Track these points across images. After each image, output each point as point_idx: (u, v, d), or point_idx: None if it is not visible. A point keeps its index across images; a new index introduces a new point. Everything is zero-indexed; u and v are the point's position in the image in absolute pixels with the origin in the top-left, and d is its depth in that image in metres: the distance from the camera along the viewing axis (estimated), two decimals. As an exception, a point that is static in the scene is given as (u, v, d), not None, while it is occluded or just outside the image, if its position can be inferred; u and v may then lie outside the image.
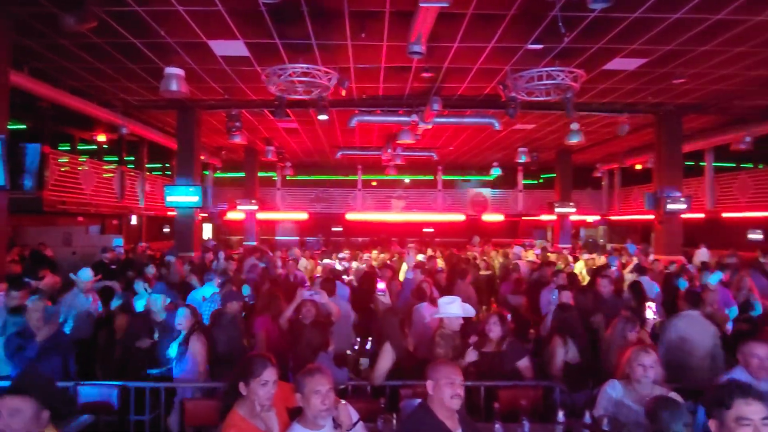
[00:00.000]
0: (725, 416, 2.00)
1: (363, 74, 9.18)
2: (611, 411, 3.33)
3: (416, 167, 20.89)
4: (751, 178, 13.38)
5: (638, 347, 3.41)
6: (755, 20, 6.65)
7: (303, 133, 14.62)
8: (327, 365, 3.86)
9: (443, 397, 2.64)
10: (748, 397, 1.96)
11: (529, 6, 6.32)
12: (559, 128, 12.99)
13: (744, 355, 3.58)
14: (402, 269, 8.26)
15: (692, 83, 9.50)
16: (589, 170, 19.53)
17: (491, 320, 4.31)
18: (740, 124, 11.90)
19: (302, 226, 21.12)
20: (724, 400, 2.02)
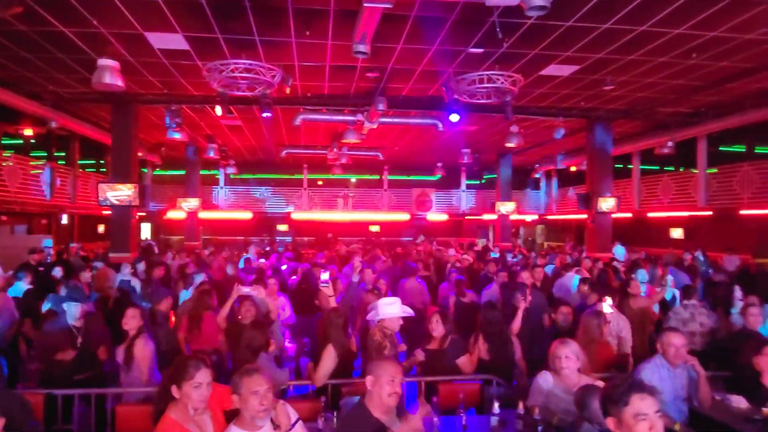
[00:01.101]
0: (623, 413, 2.06)
1: (308, 72, 9.14)
2: (543, 401, 3.52)
3: (362, 167, 20.99)
4: (673, 180, 14.39)
5: (558, 340, 3.65)
6: (674, 33, 7.17)
7: (247, 131, 14.36)
8: (268, 366, 3.85)
9: (382, 394, 2.67)
10: (643, 392, 2.04)
11: (469, 11, 6.50)
12: (500, 130, 13.41)
13: (662, 344, 3.89)
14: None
15: (620, 90, 10.10)
16: (528, 171, 20.33)
17: (434, 319, 4.41)
18: (663, 130, 12.75)
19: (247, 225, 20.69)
20: (621, 398, 2.07)
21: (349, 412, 2.88)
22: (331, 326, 4.16)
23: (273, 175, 22.21)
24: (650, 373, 3.85)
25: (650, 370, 3.87)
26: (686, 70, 8.83)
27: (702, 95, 10.32)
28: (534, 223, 22.04)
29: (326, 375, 4.01)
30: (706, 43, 7.54)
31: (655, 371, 3.85)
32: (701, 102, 10.97)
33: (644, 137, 13.90)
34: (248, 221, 19.96)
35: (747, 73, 8.79)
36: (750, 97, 10.35)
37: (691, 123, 12.15)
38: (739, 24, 6.81)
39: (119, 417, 3.63)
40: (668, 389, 3.81)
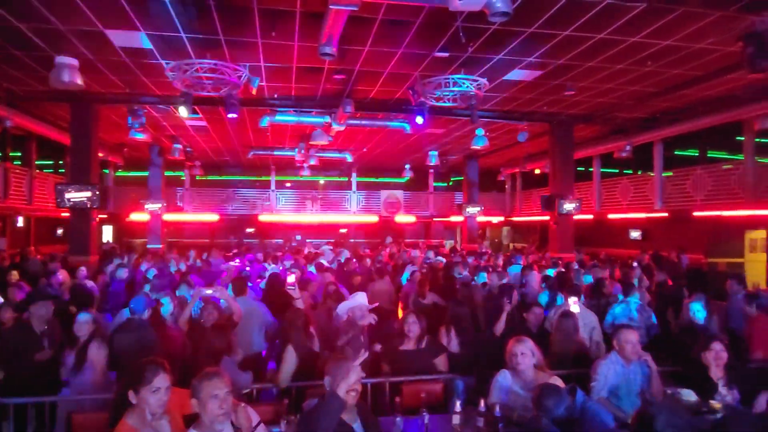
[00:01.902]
0: None
1: (274, 73, 9.09)
2: (503, 398, 3.61)
3: (331, 168, 20.94)
4: (632, 183, 14.89)
5: (514, 338, 3.76)
6: (631, 41, 7.45)
7: (212, 132, 14.14)
8: (230, 370, 3.82)
9: (340, 392, 2.69)
10: None
11: (435, 15, 6.59)
12: (466, 133, 13.61)
13: (619, 341, 4.04)
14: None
15: (581, 95, 10.40)
16: (493, 174, 20.68)
17: (409, 319, 4.42)
18: (622, 134, 13.19)
19: (213, 228, 20.35)
20: None
21: (309, 410, 2.89)
22: (291, 327, 4.15)
23: (240, 177, 21.92)
24: (606, 369, 4.00)
25: (606, 366, 4.02)
26: (642, 77, 9.18)
27: (657, 101, 10.74)
28: (500, 224, 22.42)
29: (288, 376, 3.99)
30: (660, 52, 7.86)
31: (610, 367, 4.00)
32: (657, 108, 11.41)
33: (604, 141, 14.35)
34: (214, 223, 19.64)
35: (698, 81, 9.19)
36: (702, 104, 10.83)
37: (648, 128, 12.61)
38: (690, 34, 7.13)
39: (75, 424, 3.54)
40: (623, 384, 3.97)
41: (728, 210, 11.27)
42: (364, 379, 4.13)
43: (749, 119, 10.44)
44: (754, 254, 11.60)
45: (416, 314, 4.52)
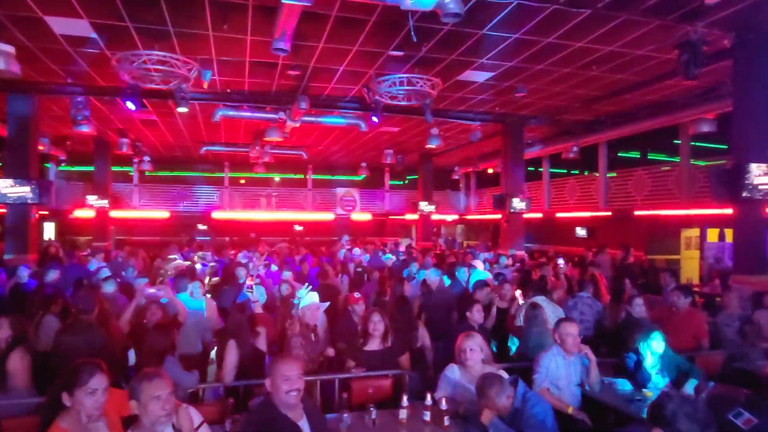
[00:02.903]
0: None
1: (227, 67, 8.91)
2: (450, 392, 3.70)
3: (286, 166, 20.72)
4: (578, 183, 15.48)
5: (463, 334, 3.85)
6: (576, 46, 7.74)
7: (162, 126, 13.71)
8: (173, 369, 3.74)
9: (280, 393, 2.67)
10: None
11: (389, 14, 6.63)
12: (421, 132, 13.76)
13: (560, 334, 4.20)
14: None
15: (531, 97, 10.72)
16: (448, 173, 21.01)
17: (374, 318, 4.40)
18: (569, 136, 13.67)
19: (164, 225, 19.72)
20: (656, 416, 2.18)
21: (254, 409, 2.87)
22: (234, 323, 4.09)
23: (192, 173, 21.34)
24: (548, 361, 4.15)
25: (548, 358, 4.17)
26: (588, 81, 9.56)
27: (602, 105, 11.21)
28: (454, 222, 22.80)
29: (232, 371, 3.94)
30: (604, 57, 8.21)
31: (552, 359, 4.16)
32: (601, 111, 11.91)
33: (553, 142, 14.85)
34: (165, 221, 19.05)
35: (639, 86, 9.66)
36: (642, 108, 11.38)
37: (594, 130, 13.13)
38: (631, 41, 7.48)
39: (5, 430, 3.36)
40: (564, 376, 4.13)
41: (666, 209, 11.91)
42: (314, 376, 4.18)
43: (685, 123, 11.04)
44: (689, 251, 12.30)
45: (380, 312, 4.52)
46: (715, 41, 7.16)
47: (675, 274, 7.42)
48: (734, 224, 7.66)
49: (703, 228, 12.23)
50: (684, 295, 5.45)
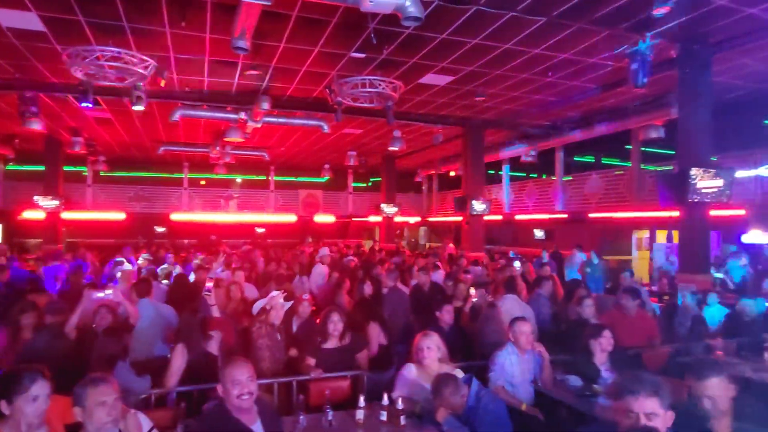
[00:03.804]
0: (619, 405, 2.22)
1: (185, 65, 8.73)
2: (407, 391, 3.73)
3: (248, 167, 20.44)
4: (537, 186, 15.90)
5: (420, 333, 3.90)
6: (533, 52, 7.97)
7: (118, 125, 13.29)
8: (124, 375, 3.64)
9: (231, 397, 2.65)
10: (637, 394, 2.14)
11: (351, 16, 6.65)
12: (384, 134, 13.84)
13: (514, 333, 4.30)
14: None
15: (491, 102, 10.95)
16: (411, 175, 21.17)
17: (333, 317, 4.42)
18: (528, 140, 14.02)
19: (120, 227, 19.08)
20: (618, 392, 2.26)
21: (206, 414, 2.83)
22: (185, 326, 4.01)
23: (150, 174, 20.76)
24: (502, 359, 4.24)
25: (502, 356, 4.27)
26: (544, 87, 9.84)
27: (558, 110, 11.56)
28: (417, 224, 22.98)
29: (176, 375, 3.84)
30: (559, 64, 8.47)
31: (506, 357, 4.25)
32: (558, 116, 12.28)
33: (512, 146, 15.18)
34: (121, 222, 18.45)
35: (592, 93, 10.01)
36: (596, 114, 11.80)
37: (550, 135, 13.52)
38: (584, 48, 7.76)
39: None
40: (517, 373, 4.23)
41: (618, 212, 12.37)
42: (271, 379, 4.14)
43: (635, 129, 11.51)
44: (640, 252, 12.83)
45: (338, 312, 4.55)
46: (662, 51, 7.50)
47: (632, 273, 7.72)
48: (680, 226, 8.03)
49: (652, 229, 12.76)
50: (632, 298, 5.60)
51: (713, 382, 2.15)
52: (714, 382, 2.11)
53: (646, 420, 2.09)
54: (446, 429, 3.13)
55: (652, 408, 2.10)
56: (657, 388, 2.13)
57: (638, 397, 2.12)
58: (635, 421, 2.09)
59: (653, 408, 2.10)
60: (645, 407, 2.10)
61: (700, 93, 7.54)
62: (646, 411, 2.10)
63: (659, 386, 2.15)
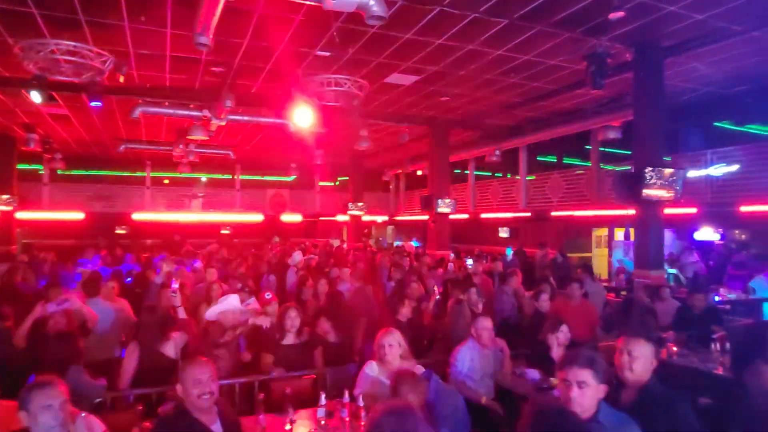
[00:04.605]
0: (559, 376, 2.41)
1: (146, 61, 8.53)
2: (368, 389, 3.75)
3: (213, 165, 20.10)
4: (501, 185, 16.18)
5: (383, 330, 3.94)
6: (496, 53, 8.11)
7: (76, 121, 12.86)
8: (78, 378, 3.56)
9: (191, 397, 2.62)
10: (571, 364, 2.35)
11: (315, 14, 6.60)
12: (351, 133, 13.79)
13: (477, 329, 4.39)
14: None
15: (456, 102, 11.09)
16: (378, 174, 21.23)
17: (291, 314, 4.41)
18: (492, 140, 14.25)
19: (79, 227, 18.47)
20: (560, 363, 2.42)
21: (165, 415, 2.80)
22: (141, 325, 3.94)
23: (110, 172, 20.15)
24: (464, 355, 4.34)
25: (464, 351, 4.36)
26: (507, 88, 10.03)
27: (521, 110, 11.79)
28: (385, 223, 23.05)
29: (129, 375, 3.78)
30: (521, 65, 8.65)
31: (467, 352, 4.35)
32: (521, 116, 12.52)
33: (477, 146, 15.42)
34: (80, 222, 17.86)
35: (553, 94, 10.26)
36: (557, 115, 12.10)
37: (514, 135, 13.77)
38: (545, 50, 7.95)
39: None
40: (479, 368, 4.33)
41: (578, 210, 12.71)
42: (232, 379, 4.11)
43: (594, 130, 11.85)
44: (599, 249, 13.23)
45: (295, 309, 4.56)
46: (618, 54, 7.75)
47: (588, 269, 7.97)
48: (635, 224, 8.32)
49: (611, 227, 13.18)
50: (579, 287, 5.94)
51: (566, 369, 2.35)
52: (574, 369, 2.31)
53: (576, 387, 2.29)
54: (405, 425, 3.16)
55: (584, 378, 2.30)
56: (592, 361, 2.33)
57: (573, 367, 2.32)
58: (566, 387, 2.30)
59: (585, 378, 2.30)
60: (578, 376, 2.30)
61: (654, 95, 7.83)
62: (578, 380, 2.30)
63: (595, 360, 2.35)
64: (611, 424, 2.31)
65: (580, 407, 2.27)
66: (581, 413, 2.24)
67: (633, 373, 2.64)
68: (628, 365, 2.65)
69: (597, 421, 2.30)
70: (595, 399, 2.32)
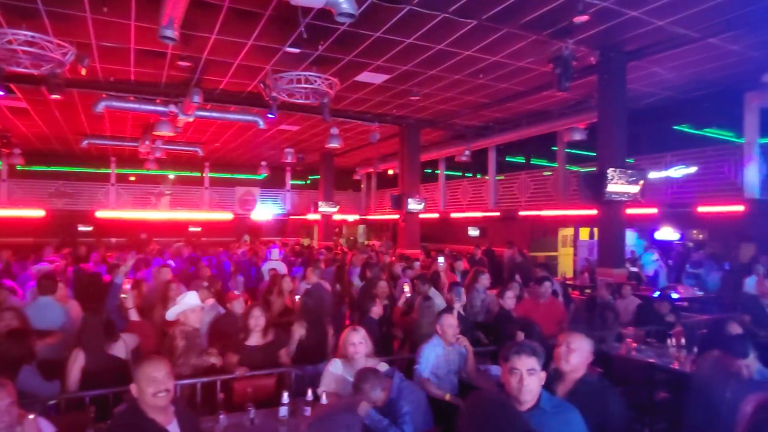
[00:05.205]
0: (505, 366, 2.50)
1: (109, 54, 8.31)
2: (333, 387, 3.74)
3: (181, 163, 19.74)
4: (471, 185, 16.35)
5: (349, 327, 3.93)
6: (465, 54, 8.19)
7: (35, 115, 12.43)
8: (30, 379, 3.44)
9: (146, 396, 2.56)
10: (520, 353, 2.44)
11: (285, 9, 6.53)
12: (322, 131, 13.73)
13: (442, 326, 4.42)
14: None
15: (426, 101, 11.16)
16: (350, 173, 21.19)
17: (255, 313, 4.34)
18: (462, 140, 14.40)
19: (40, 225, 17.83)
20: (505, 354, 2.51)
21: (118, 416, 2.72)
22: (84, 329, 3.83)
23: (73, 168, 19.54)
24: (428, 352, 4.35)
25: (428, 348, 4.38)
26: (476, 89, 10.14)
27: (490, 111, 11.95)
28: (356, 222, 23.02)
29: (74, 379, 3.66)
30: (490, 66, 8.76)
31: (431, 350, 4.36)
32: (490, 117, 12.69)
33: (447, 145, 15.55)
34: (40, 220, 17.27)
35: (521, 95, 10.44)
36: (525, 116, 12.31)
37: (483, 135, 13.95)
38: (512, 52, 8.07)
39: None
40: (443, 365, 4.36)
41: (545, 210, 12.96)
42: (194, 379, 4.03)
43: (561, 131, 12.09)
44: (564, 248, 13.52)
45: (261, 308, 4.50)
46: (583, 57, 7.94)
47: (547, 268, 8.13)
48: (599, 223, 8.53)
49: (576, 227, 13.48)
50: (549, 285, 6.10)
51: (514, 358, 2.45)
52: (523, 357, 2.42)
53: (527, 375, 2.39)
54: (368, 422, 3.16)
55: (533, 365, 2.42)
56: (535, 350, 2.47)
57: (521, 356, 2.42)
58: (519, 376, 2.39)
59: (534, 365, 2.42)
60: (527, 364, 2.41)
61: (617, 98, 8.05)
62: (528, 367, 2.40)
63: (537, 349, 2.49)
64: (553, 410, 2.44)
65: (531, 393, 2.40)
66: (531, 399, 2.40)
67: (569, 364, 2.79)
68: (565, 356, 2.79)
69: (539, 407, 2.42)
70: (540, 385, 2.46)
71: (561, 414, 2.43)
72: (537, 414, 2.38)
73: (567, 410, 2.46)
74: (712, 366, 3.40)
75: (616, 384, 4.75)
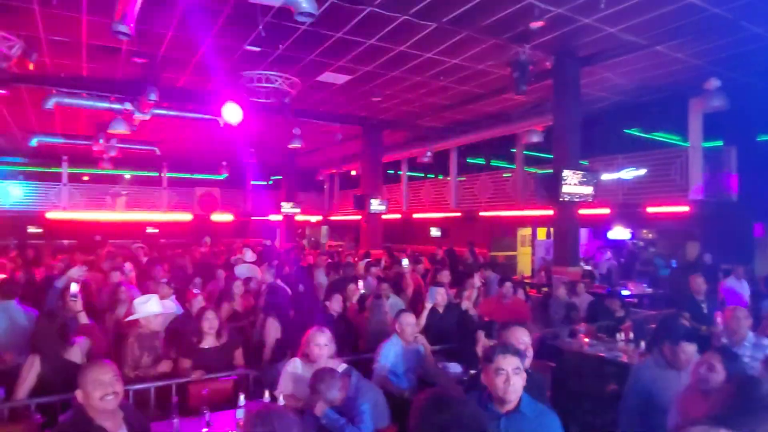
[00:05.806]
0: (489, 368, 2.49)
1: (59, 49, 8.01)
2: (292, 388, 3.71)
3: (138, 162, 19.16)
4: (433, 185, 16.52)
5: (315, 327, 3.91)
6: (426, 56, 8.29)
7: (-21, 111, 11.86)
8: None
9: (94, 400, 2.49)
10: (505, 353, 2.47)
11: (244, 7, 6.45)
12: (283, 132, 13.57)
13: (400, 325, 4.47)
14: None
15: (388, 102, 11.22)
16: (313, 173, 21.06)
17: (208, 315, 4.29)
18: (424, 141, 14.54)
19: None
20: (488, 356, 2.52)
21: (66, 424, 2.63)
22: (39, 334, 3.70)
23: (22, 168, 18.69)
24: (387, 350, 4.40)
25: (387, 347, 4.42)
26: (437, 90, 10.28)
27: (451, 113, 12.12)
28: (319, 223, 22.89)
29: (27, 387, 3.54)
30: (450, 69, 8.90)
31: (391, 348, 4.41)
32: (451, 119, 12.87)
33: (410, 147, 15.67)
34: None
35: (481, 97, 10.64)
36: (485, 118, 12.54)
37: (445, 136, 14.12)
38: (472, 55, 8.22)
39: None
40: (402, 363, 4.41)
41: (505, 210, 13.22)
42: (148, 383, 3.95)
43: (519, 134, 12.38)
44: (523, 248, 13.85)
45: (213, 310, 4.45)
46: (540, 62, 8.16)
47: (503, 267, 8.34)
48: (554, 223, 8.78)
49: (534, 227, 13.82)
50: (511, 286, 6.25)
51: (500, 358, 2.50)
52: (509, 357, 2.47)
53: (513, 374, 2.43)
54: (324, 422, 3.16)
55: (517, 364, 2.46)
56: (518, 350, 2.56)
57: (506, 356, 2.46)
58: (505, 376, 2.42)
59: (518, 364, 2.46)
60: (512, 363, 2.45)
61: (571, 102, 8.31)
62: (513, 366, 2.44)
63: (519, 349, 2.61)
64: (533, 414, 2.46)
65: (516, 393, 2.43)
66: (515, 399, 2.44)
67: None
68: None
69: (520, 411, 2.44)
70: (523, 385, 2.47)
71: (541, 418, 2.46)
72: (518, 418, 2.42)
73: (546, 415, 2.49)
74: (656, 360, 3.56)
75: (568, 377, 4.95)
